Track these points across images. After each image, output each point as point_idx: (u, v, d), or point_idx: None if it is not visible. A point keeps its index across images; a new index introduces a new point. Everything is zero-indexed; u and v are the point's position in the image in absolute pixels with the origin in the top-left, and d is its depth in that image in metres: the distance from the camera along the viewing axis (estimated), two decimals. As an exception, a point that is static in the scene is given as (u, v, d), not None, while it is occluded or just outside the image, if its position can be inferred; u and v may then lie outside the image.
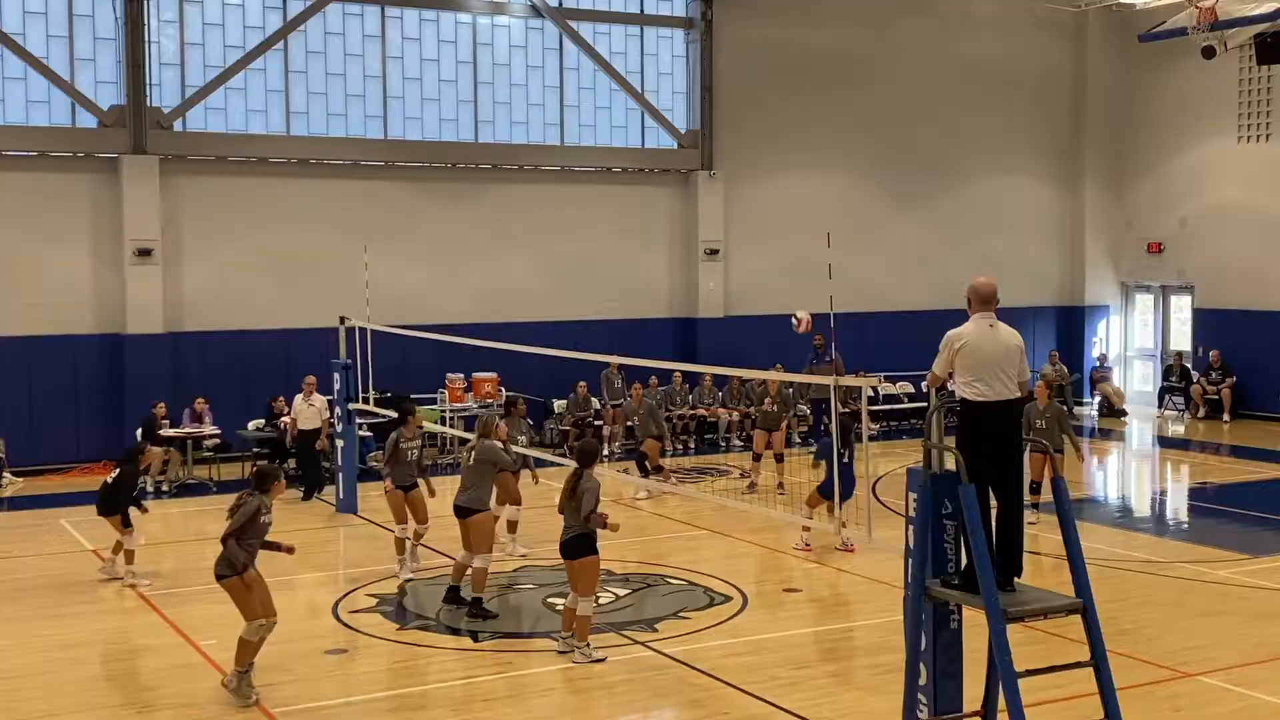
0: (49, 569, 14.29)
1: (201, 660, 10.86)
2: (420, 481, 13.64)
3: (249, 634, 9.87)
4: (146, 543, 14.50)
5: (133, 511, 13.95)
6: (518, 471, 14.43)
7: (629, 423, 20.84)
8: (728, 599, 12.70)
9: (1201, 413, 26.05)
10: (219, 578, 9.93)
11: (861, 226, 26.01)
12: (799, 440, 23.41)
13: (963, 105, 27.25)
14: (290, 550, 10.47)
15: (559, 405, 23.01)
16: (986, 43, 27.46)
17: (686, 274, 25.31)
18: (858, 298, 24.26)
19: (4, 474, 19.62)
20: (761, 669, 10.53)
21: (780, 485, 18.29)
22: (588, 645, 10.70)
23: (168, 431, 19.28)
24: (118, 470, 13.91)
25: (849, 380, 10.82)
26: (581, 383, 22.37)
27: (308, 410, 18.33)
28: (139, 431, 19.40)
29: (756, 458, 18.85)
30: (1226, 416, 25.63)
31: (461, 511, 12.13)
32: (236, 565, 9.83)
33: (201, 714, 9.62)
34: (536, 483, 15.27)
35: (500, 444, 12.77)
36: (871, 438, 11.13)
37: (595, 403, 22.85)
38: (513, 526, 14.50)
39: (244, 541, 9.90)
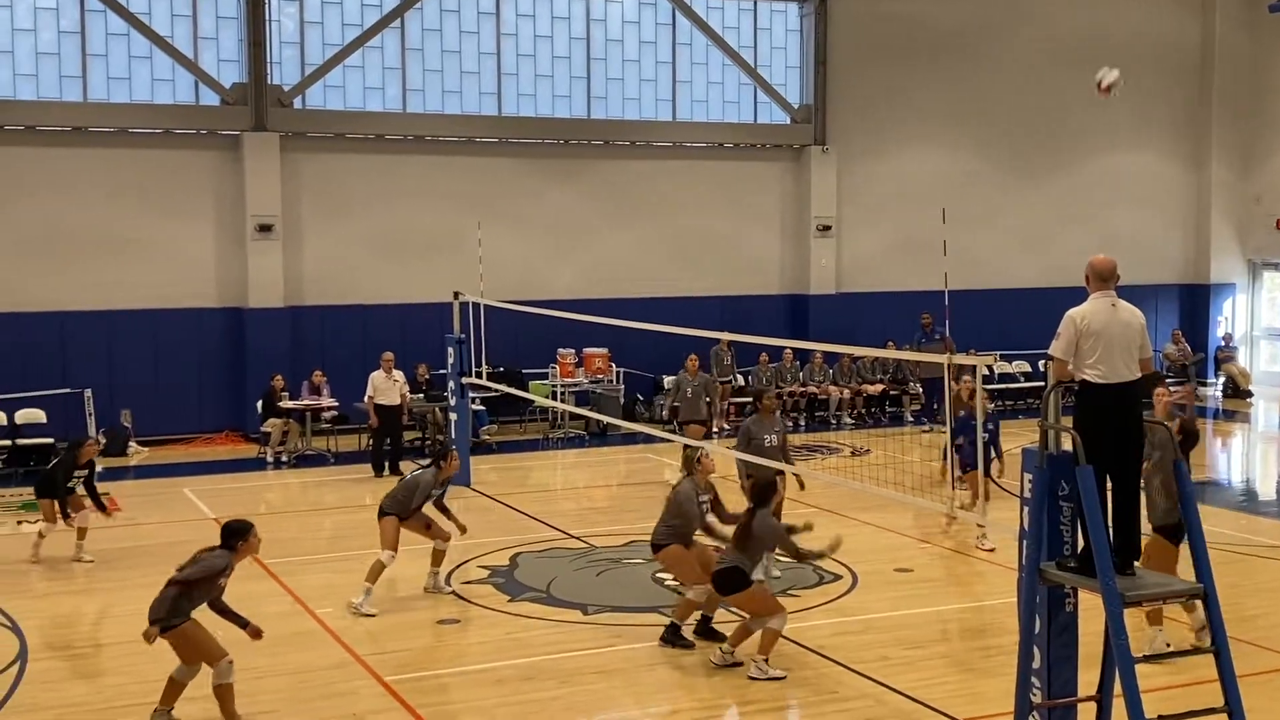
0: (172, 536, 14.69)
1: (318, 628, 11.10)
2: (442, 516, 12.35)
3: (223, 675, 8.69)
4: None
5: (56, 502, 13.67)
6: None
7: (688, 394, 17.49)
8: (837, 577, 12.62)
9: (1332, 395, 25.18)
10: (160, 624, 8.73)
11: (977, 202, 25.55)
12: (910, 419, 23.22)
13: (1083, 78, 26.40)
14: (257, 634, 8.96)
15: (668, 381, 23.01)
16: (1109, 14, 26.70)
17: (798, 250, 25.13)
18: (973, 275, 23.85)
19: (130, 443, 20.26)
20: (871, 649, 10.45)
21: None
22: (766, 661, 9.83)
23: (287, 403, 19.71)
24: (57, 458, 14.12)
25: (963, 359, 10.64)
26: (692, 358, 22.32)
27: (390, 386, 18.52)
28: (259, 403, 19.88)
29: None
30: (1359, 399, 24.75)
31: (653, 547, 10.92)
32: (177, 614, 8.74)
33: (316, 679, 9.84)
34: (802, 488, 13.15)
35: (701, 487, 10.90)
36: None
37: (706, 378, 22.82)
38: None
39: (192, 596, 8.81)
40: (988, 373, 22.59)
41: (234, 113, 21.28)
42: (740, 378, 23.42)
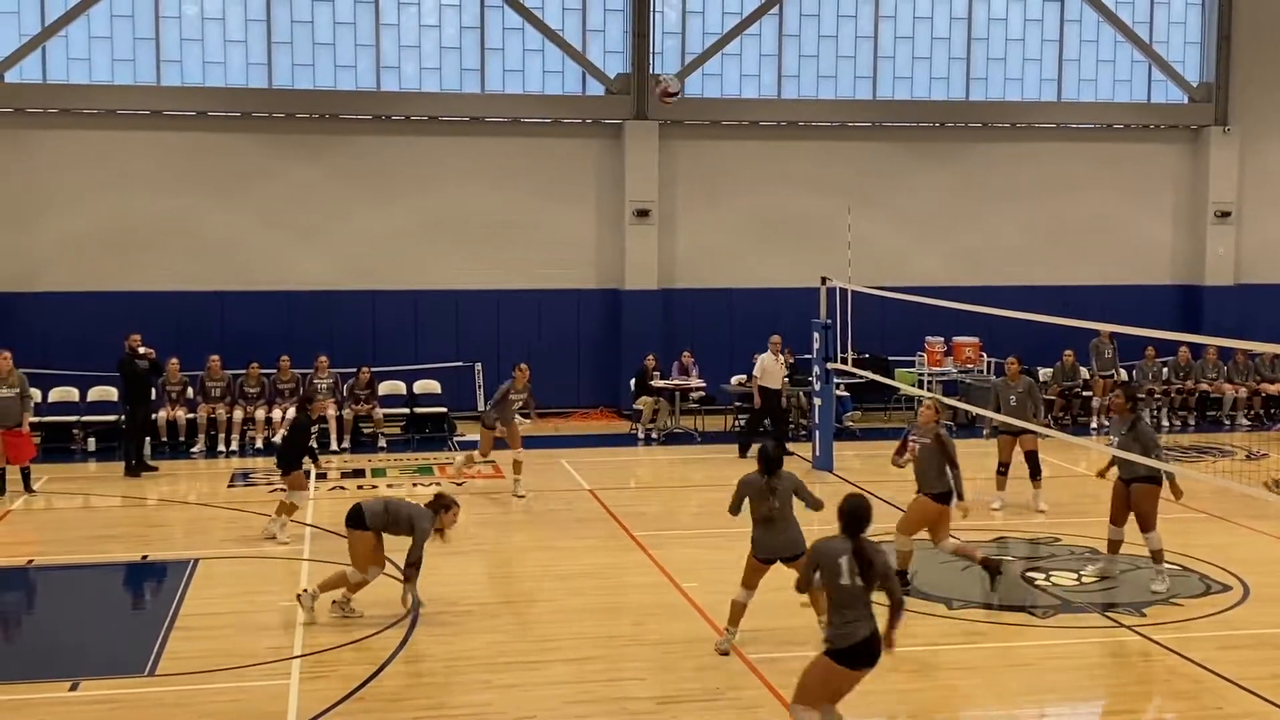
0: (550, 505, 15.48)
1: (683, 602, 11.37)
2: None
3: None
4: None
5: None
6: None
7: (1011, 401, 15.07)
8: (1226, 588, 11.78)
9: None
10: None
11: (1405, 186, 23.13)
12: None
13: None
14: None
15: (1044, 374, 22.14)
16: None
17: (1192, 238, 23.59)
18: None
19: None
20: (1263, 665, 9.70)
21: None
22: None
23: (658, 382, 20.30)
24: (291, 426, 13.55)
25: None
26: (1068, 351, 21.41)
27: (776, 368, 18.64)
28: (632, 382, 20.58)
29: None
30: None
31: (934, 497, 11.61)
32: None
33: (680, 651, 10.07)
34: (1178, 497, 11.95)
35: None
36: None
37: (1084, 372, 21.83)
38: None
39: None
40: None
41: (617, 102, 22.08)
42: (1123, 372, 22.22)
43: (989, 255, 22.94)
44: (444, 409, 20.64)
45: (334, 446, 19.08)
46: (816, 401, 17.79)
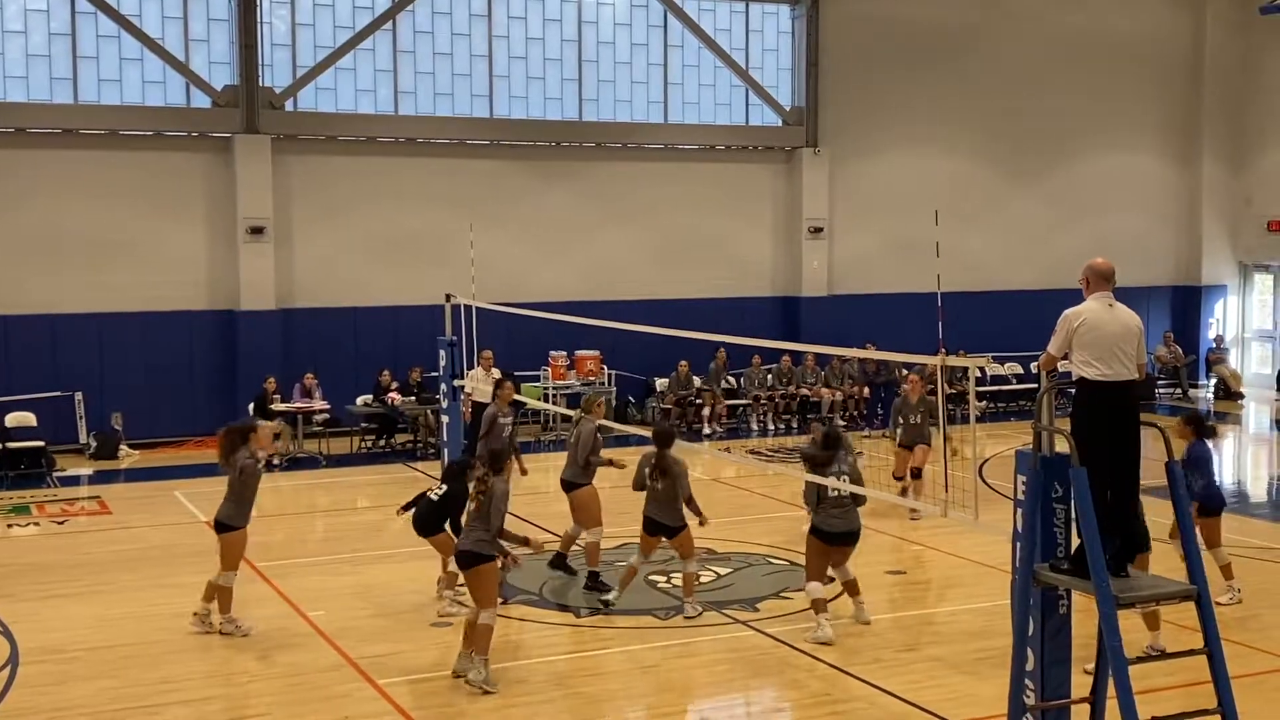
0: (163, 539, 14.68)
1: (310, 630, 11.07)
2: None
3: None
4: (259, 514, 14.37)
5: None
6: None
7: (901, 422, 15.69)
8: (830, 580, 12.59)
9: (1323, 397, 25.22)
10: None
11: (971, 204, 25.59)
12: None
13: (1076, 79, 26.62)
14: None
15: (661, 384, 23.05)
16: (1100, 14, 26.78)
17: (790, 252, 25.14)
18: (967, 277, 23.87)
19: (121, 446, 20.20)
20: (865, 651, 10.45)
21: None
22: (695, 603, 11.51)
23: (279, 406, 19.67)
24: (444, 488, 11.34)
25: (956, 360, 10.63)
26: (683, 362, 22.38)
27: (489, 384, 18.41)
28: (251, 406, 19.83)
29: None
30: (1350, 401, 24.79)
31: (564, 485, 12.59)
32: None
33: (309, 682, 9.81)
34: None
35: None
36: (978, 419, 10.93)
37: (697, 381, 22.86)
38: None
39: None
40: (980, 375, 22.59)
41: (225, 115, 21.25)
42: (731, 380, 23.46)
43: (608, 270, 23.62)
44: (41, 442, 19.14)
45: (-88, 489, 17.38)
46: (444, 419, 17.73)
